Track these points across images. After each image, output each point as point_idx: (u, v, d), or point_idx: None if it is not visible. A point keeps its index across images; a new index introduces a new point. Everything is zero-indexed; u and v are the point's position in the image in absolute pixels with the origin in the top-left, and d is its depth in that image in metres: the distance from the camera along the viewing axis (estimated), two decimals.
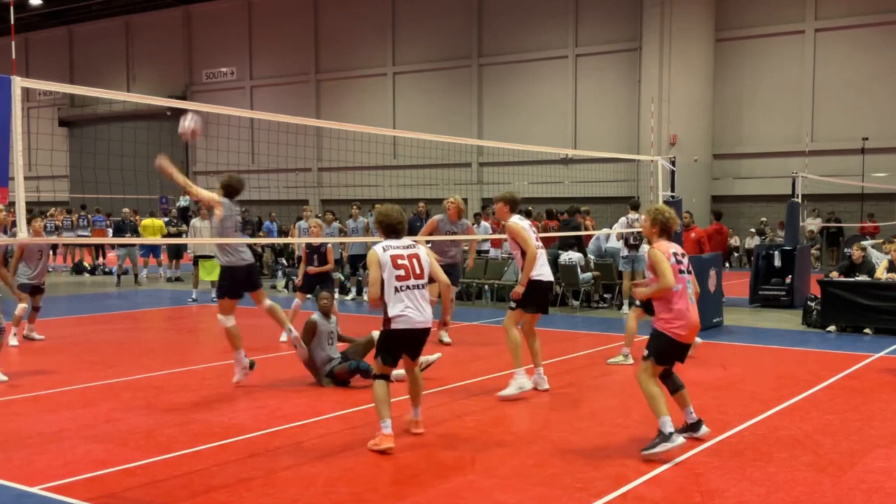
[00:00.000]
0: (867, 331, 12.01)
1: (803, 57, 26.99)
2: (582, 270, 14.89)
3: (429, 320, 6.38)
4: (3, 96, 5.63)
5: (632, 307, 10.40)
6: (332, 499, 5.19)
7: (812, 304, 12.83)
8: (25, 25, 41.80)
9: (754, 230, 25.66)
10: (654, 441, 5.88)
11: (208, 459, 5.97)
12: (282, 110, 28.60)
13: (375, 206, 6.95)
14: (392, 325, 6.27)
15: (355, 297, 16.77)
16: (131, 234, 21.78)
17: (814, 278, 14.65)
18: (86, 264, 24.28)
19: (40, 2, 37.54)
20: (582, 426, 6.92)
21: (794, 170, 18.36)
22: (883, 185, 24.66)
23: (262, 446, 6.31)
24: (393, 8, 34.30)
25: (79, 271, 23.90)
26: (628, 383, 8.77)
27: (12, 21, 11.07)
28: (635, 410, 7.31)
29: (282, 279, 19.63)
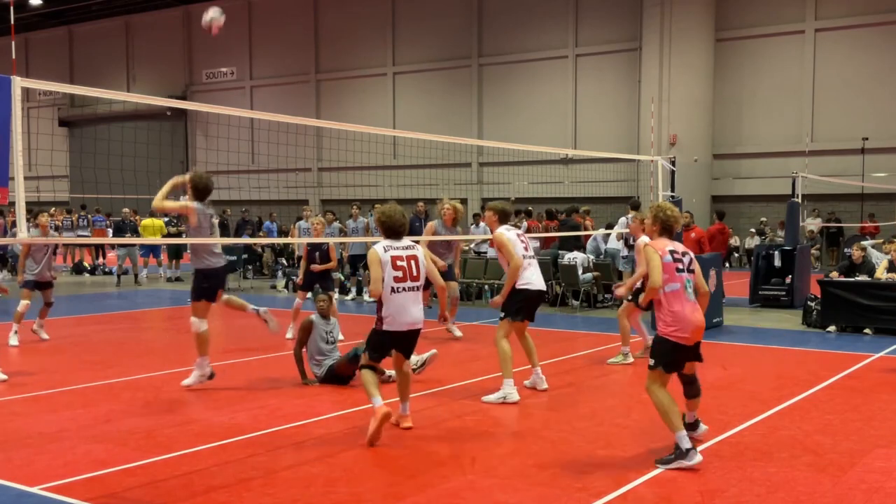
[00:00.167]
0: (867, 331, 12.00)
1: (803, 57, 26.99)
2: (583, 271, 14.89)
3: (420, 321, 6.53)
4: (3, 96, 5.64)
5: (621, 306, 10.38)
6: (332, 499, 5.19)
7: (812, 304, 12.82)
8: (25, 25, 41.78)
9: (754, 230, 25.65)
10: (670, 456, 5.75)
11: (208, 459, 5.97)
12: (282, 110, 28.55)
13: (377, 206, 6.97)
14: (384, 326, 6.42)
15: (355, 298, 16.78)
16: (131, 234, 21.76)
17: (814, 278, 14.64)
18: (86, 264, 24.29)
19: (40, 2, 37.52)
20: (582, 426, 6.91)
21: (794, 170, 18.34)
22: (883, 185, 24.65)
23: (262, 446, 6.31)
24: (393, 8, 34.30)
25: (79, 271, 23.91)
26: (628, 383, 8.79)
27: (12, 21, 11.06)
28: (635, 410, 7.32)
29: (282, 279, 19.63)
